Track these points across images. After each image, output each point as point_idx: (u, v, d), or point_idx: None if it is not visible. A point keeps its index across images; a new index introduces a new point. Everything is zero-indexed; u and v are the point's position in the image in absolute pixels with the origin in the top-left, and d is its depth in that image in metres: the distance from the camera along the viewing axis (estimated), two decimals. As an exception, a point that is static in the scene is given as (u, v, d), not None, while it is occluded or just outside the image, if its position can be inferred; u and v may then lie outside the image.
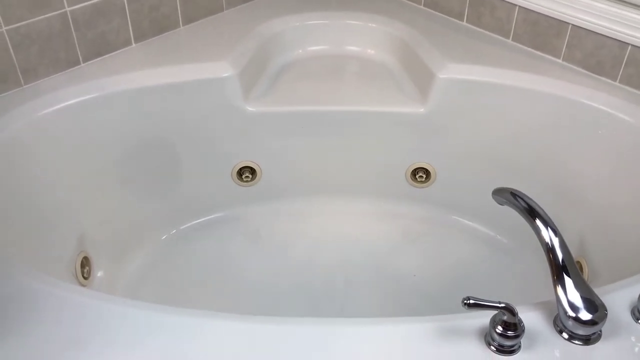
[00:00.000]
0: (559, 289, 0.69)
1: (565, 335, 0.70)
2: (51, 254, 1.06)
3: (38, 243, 1.04)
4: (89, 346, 0.70)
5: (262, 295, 1.23)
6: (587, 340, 0.70)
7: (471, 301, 0.65)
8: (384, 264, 1.30)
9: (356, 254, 1.32)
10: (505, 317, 0.67)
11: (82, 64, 1.22)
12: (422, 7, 1.48)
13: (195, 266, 1.29)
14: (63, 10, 1.14)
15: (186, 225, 1.37)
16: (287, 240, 1.35)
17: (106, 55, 1.25)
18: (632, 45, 1.14)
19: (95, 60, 1.23)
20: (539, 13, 1.25)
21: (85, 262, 1.15)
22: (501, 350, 0.68)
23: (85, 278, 1.13)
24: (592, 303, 0.69)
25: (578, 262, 1.17)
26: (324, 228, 1.38)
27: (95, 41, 1.22)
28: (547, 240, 0.73)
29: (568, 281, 0.70)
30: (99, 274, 1.19)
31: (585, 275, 1.14)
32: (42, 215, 1.07)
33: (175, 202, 1.34)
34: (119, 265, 1.25)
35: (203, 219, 1.38)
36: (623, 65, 1.17)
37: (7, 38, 1.09)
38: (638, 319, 0.72)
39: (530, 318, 0.72)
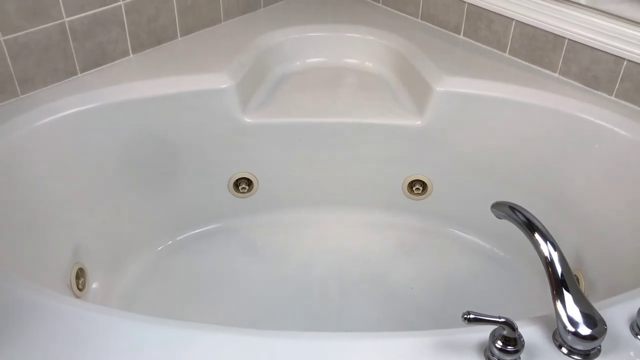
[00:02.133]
0: (559, 304, 0.69)
1: (564, 350, 0.70)
2: (46, 265, 1.05)
3: (33, 254, 1.03)
4: (82, 358, 0.69)
5: (257, 306, 1.23)
6: (586, 356, 0.69)
7: (471, 316, 0.65)
8: (381, 276, 1.30)
9: (352, 266, 1.32)
10: (505, 332, 0.66)
11: (80, 75, 1.22)
12: (419, 20, 1.49)
13: (191, 277, 1.28)
14: (61, 21, 1.14)
15: (182, 236, 1.36)
16: (284, 252, 1.35)
17: (104, 66, 1.25)
18: (628, 60, 1.15)
19: (93, 70, 1.23)
20: (535, 27, 1.26)
21: (80, 274, 1.14)
22: (501, 365, 0.68)
23: (80, 289, 1.12)
24: (592, 318, 0.68)
25: (575, 275, 1.17)
26: (321, 239, 1.38)
27: (93, 52, 1.22)
28: (547, 254, 0.72)
29: (567, 296, 0.70)
30: (94, 285, 1.18)
31: (582, 288, 1.14)
32: (38, 226, 1.06)
33: (171, 213, 1.33)
34: (115, 276, 1.24)
35: (199, 230, 1.38)
36: (619, 80, 1.18)
37: (5, 48, 1.08)
38: (637, 334, 0.72)
39: (530, 333, 0.72)
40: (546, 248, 0.73)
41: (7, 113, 1.10)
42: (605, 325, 0.68)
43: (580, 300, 0.70)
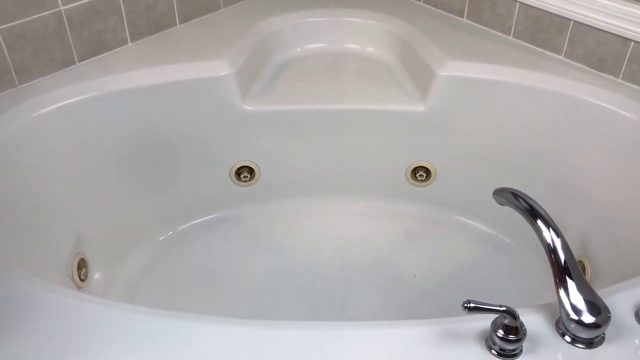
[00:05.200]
0: (561, 292, 0.68)
1: (567, 338, 0.69)
2: (47, 256, 1.05)
3: (34, 245, 1.03)
4: (84, 352, 0.69)
5: (261, 296, 1.22)
6: (590, 344, 0.68)
7: (472, 305, 0.64)
8: (384, 264, 1.29)
9: (356, 254, 1.31)
10: (506, 321, 0.65)
11: (78, 64, 1.20)
12: (421, 3, 1.46)
13: (194, 267, 1.28)
14: (57, 10, 1.13)
15: (184, 226, 1.36)
16: (286, 241, 1.34)
17: (102, 55, 1.24)
18: (635, 41, 1.13)
19: (91, 59, 1.22)
20: (540, 9, 1.24)
21: (82, 264, 1.14)
22: (502, 354, 0.67)
23: (82, 280, 1.12)
24: (595, 305, 0.67)
25: (580, 261, 1.15)
26: (324, 228, 1.37)
27: (91, 40, 1.20)
28: (549, 241, 0.71)
29: (570, 283, 0.68)
30: (96, 275, 1.18)
31: (588, 275, 1.12)
32: (38, 217, 1.06)
33: (172, 203, 1.33)
34: (117, 266, 1.24)
35: (201, 220, 1.37)
36: (626, 62, 1.16)
37: (1, 38, 1.07)
38: (642, 322, 0.71)
39: (532, 321, 0.71)
40: (549, 235, 0.71)
41: (5, 104, 1.09)
42: (609, 313, 0.67)
43: (584, 288, 0.68)
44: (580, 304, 0.67)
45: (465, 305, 0.64)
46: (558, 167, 1.22)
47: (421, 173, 1.36)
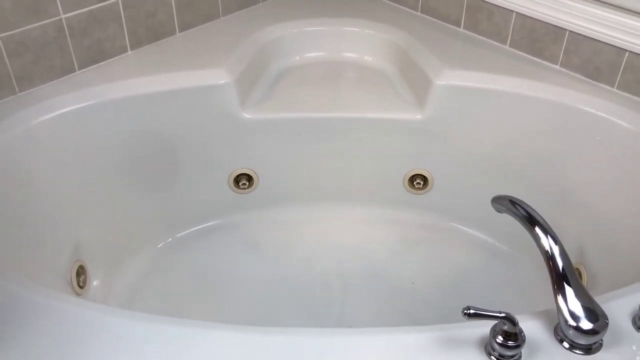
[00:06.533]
0: (560, 298, 0.69)
1: (566, 344, 0.70)
2: (46, 263, 1.05)
3: (33, 252, 1.03)
4: (83, 359, 0.69)
5: (259, 303, 1.22)
6: (588, 350, 0.69)
7: (471, 311, 0.64)
8: (382, 272, 1.29)
9: (354, 262, 1.31)
10: (505, 327, 0.66)
11: (78, 72, 1.21)
12: (419, 13, 1.48)
13: (192, 274, 1.28)
14: (58, 18, 1.13)
15: (182, 233, 1.36)
16: (284, 248, 1.34)
17: (102, 63, 1.24)
18: (630, 51, 1.14)
19: (91, 67, 1.23)
20: (536, 19, 1.25)
21: (81, 271, 1.13)
22: (502, 360, 0.67)
23: (81, 287, 1.12)
24: (593, 312, 0.68)
25: (577, 268, 1.16)
26: (322, 235, 1.37)
27: (91, 48, 1.21)
28: (547, 248, 0.72)
29: (568, 290, 0.69)
30: (95, 282, 1.18)
31: (584, 282, 1.13)
32: (37, 224, 1.06)
33: (171, 210, 1.33)
34: (115, 274, 1.24)
35: (199, 227, 1.37)
36: (621, 71, 1.17)
37: (2, 45, 1.08)
38: (639, 328, 0.72)
39: (531, 327, 0.72)
40: (547, 242, 0.72)
41: (5, 111, 1.09)
42: (607, 320, 0.68)
43: (582, 294, 0.69)
44: (578, 310, 0.68)
45: (465, 311, 0.64)
46: (555, 175, 1.23)
47: (419, 181, 1.37)
